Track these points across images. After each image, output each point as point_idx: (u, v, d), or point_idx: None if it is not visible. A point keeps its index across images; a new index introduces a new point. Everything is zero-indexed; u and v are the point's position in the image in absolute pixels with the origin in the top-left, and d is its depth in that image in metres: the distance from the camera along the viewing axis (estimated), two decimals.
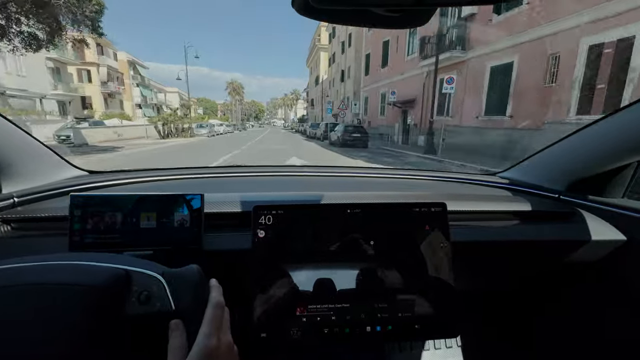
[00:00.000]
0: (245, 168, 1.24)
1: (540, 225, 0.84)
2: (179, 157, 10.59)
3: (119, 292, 0.39)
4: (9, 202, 0.68)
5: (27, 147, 0.78)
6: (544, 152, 0.99)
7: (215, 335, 0.37)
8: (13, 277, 0.37)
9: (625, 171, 0.83)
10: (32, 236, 0.68)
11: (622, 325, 0.82)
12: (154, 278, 0.41)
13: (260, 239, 0.56)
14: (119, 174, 1.01)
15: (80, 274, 0.40)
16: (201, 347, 0.35)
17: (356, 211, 0.60)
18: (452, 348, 0.97)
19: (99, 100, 31.51)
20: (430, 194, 0.94)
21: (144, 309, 0.40)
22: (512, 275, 0.98)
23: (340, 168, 1.30)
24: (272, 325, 0.54)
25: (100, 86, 31.37)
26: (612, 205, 0.83)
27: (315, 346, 0.77)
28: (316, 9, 0.31)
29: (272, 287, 0.55)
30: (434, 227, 0.61)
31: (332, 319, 0.56)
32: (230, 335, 0.40)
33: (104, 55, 32.13)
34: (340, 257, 0.58)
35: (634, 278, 0.79)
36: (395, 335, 0.58)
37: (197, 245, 0.64)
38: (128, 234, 0.61)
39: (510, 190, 1.03)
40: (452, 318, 0.59)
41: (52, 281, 0.37)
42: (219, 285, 0.44)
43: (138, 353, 0.42)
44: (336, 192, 0.83)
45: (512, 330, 1.07)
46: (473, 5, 0.32)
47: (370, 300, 0.57)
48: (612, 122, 0.76)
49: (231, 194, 0.77)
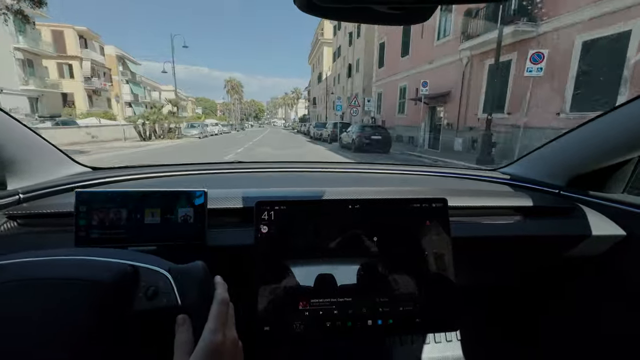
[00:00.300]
0: (248, 164, 1.25)
1: (540, 220, 0.85)
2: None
3: (127, 288, 0.40)
4: (14, 198, 0.70)
5: (31, 144, 0.79)
6: (544, 147, 1.00)
7: (220, 331, 0.37)
8: (21, 272, 0.38)
9: (625, 167, 0.83)
10: (38, 232, 0.68)
11: (620, 319, 0.84)
12: (161, 274, 0.42)
13: (263, 234, 0.57)
14: (123, 170, 1.02)
15: (88, 269, 0.40)
16: (207, 343, 0.36)
17: (357, 207, 0.60)
18: (452, 342, 0.97)
19: (82, 98, 28.75)
20: (431, 190, 0.94)
21: (151, 304, 0.40)
22: (512, 270, 0.99)
23: (342, 164, 1.31)
24: (275, 319, 0.55)
25: (83, 82, 28.58)
26: (612, 201, 0.84)
27: (318, 340, 0.77)
28: (318, 6, 0.31)
29: (274, 282, 0.56)
30: (435, 222, 0.61)
31: (335, 313, 0.56)
32: (235, 331, 0.41)
33: (88, 49, 29.35)
34: (342, 252, 0.59)
35: (633, 273, 0.80)
36: (396, 329, 0.58)
37: (200, 241, 0.65)
38: (132, 229, 0.62)
39: (511, 186, 1.04)
40: (452, 312, 0.59)
41: (60, 276, 0.38)
42: (224, 282, 0.44)
43: (145, 348, 0.42)
44: (338, 187, 0.83)
45: (511, 324, 1.08)
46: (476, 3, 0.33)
47: (371, 294, 0.58)
48: (613, 117, 0.77)
49: (234, 190, 0.77)
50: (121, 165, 1.10)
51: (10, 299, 0.35)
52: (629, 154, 0.78)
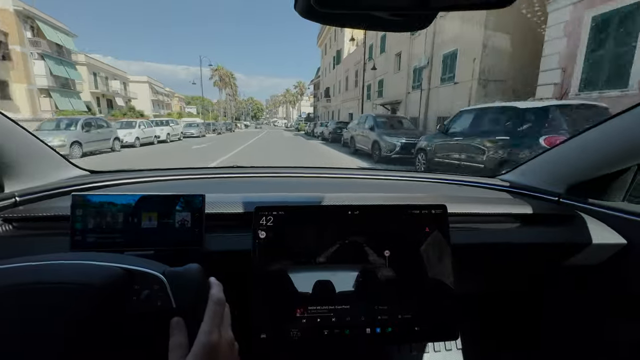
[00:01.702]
0: (247, 169, 1.23)
1: (540, 228, 0.85)
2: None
3: (119, 291, 0.40)
4: (10, 201, 0.69)
5: (29, 146, 0.78)
6: (544, 155, 1.00)
7: (215, 332, 0.37)
8: (13, 277, 0.37)
9: (625, 175, 0.83)
10: (34, 235, 0.68)
11: (621, 328, 0.83)
12: (156, 277, 0.41)
13: (261, 239, 0.56)
14: (120, 173, 1.01)
15: (80, 273, 0.40)
16: (203, 344, 0.35)
17: (357, 213, 0.60)
18: (451, 351, 0.95)
19: None
20: (430, 196, 0.94)
21: (145, 307, 0.40)
22: (512, 278, 0.99)
23: (341, 170, 1.28)
24: (272, 326, 0.54)
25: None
26: (612, 209, 0.83)
27: (315, 347, 0.77)
28: (319, 12, 0.31)
29: (272, 288, 0.55)
30: (435, 229, 0.61)
31: (332, 321, 0.56)
32: (231, 331, 0.40)
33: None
34: (341, 258, 0.58)
35: (634, 282, 0.80)
36: (395, 337, 0.58)
37: (198, 246, 0.64)
38: (129, 233, 0.61)
39: (511, 193, 1.04)
40: (452, 320, 0.59)
41: (51, 280, 0.38)
42: (219, 283, 0.44)
43: (138, 351, 0.42)
44: (337, 193, 0.83)
45: (511, 333, 1.06)
46: (477, 10, 0.32)
47: (370, 301, 0.57)
48: (612, 125, 0.77)
49: (232, 195, 0.77)
50: (119, 169, 1.10)
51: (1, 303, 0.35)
52: (628, 162, 0.78)
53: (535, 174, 1.02)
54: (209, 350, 0.35)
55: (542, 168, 1.01)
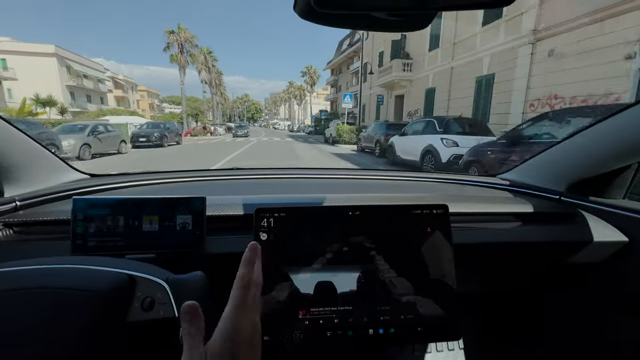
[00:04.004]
0: (247, 171, 1.23)
1: (541, 226, 0.85)
2: None
3: (122, 298, 0.39)
4: (11, 205, 0.68)
5: (29, 150, 0.78)
6: (544, 153, 1.00)
7: (235, 315, 0.34)
8: (15, 281, 0.37)
9: (625, 172, 0.83)
10: (35, 240, 0.67)
11: (623, 326, 0.83)
12: (158, 284, 0.41)
13: (262, 241, 0.56)
14: (121, 177, 1.01)
15: (83, 278, 0.39)
16: (221, 329, 0.33)
17: (358, 213, 0.60)
18: (454, 350, 0.95)
19: None
20: (431, 196, 0.94)
21: (147, 315, 0.39)
22: (514, 277, 0.98)
23: (341, 170, 1.29)
24: (275, 328, 0.54)
25: None
26: (613, 207, 0.83)
27: (318, 349, 0.73)
28: (319, 13, 0.31)
29: (274, 290, 0.55)
30: (436, 228, 0.60)
31: (335, 322, 0.56)
32: (254, 313, 0.37)
33: None
34: (342, 259, 0.58)
35: (635, 279, 0.79)
36: (398, 338, 0.57)
37: (199, 248, 0.64)
38: (130, 237, 0.61)
39: (511, 192, 1.04)
40: (455, 320, 0.58)
41: (54, 285, 0.37)
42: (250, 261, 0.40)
43: (140, 357, 0.42)
44: (338, 194, 0.83)
45: (514, 332, 1.06)
46: (477, 9, 0.33)
47: (372, 302, 0.57)
48: (613, 123, 0.76)
49: (233, 197, 0.77)
50: (119, 172, 1.10)
51: (3, 307, 0.35)
52: (629, 159, 0.78)
53: (536, 173, 1.02)
54: (226, 336, 0.32)
55: (543, 166, 1.01)
